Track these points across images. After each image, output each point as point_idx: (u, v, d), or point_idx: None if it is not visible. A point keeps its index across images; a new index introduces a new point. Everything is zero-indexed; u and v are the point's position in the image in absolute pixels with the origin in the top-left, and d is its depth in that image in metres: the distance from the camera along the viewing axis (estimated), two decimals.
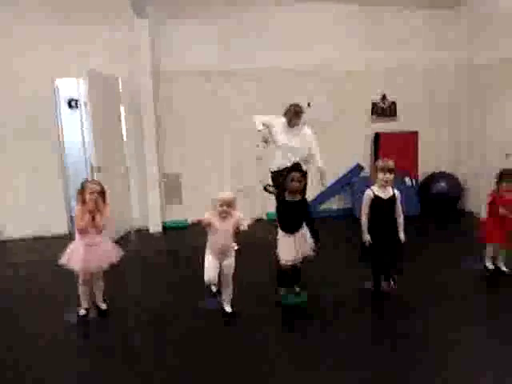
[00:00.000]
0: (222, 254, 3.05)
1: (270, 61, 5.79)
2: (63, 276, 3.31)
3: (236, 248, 3.31)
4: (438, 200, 6.14)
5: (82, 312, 3.18)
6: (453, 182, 6.18)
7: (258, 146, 4.54)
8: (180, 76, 5.70)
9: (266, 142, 4.34)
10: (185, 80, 5.73)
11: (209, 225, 2.98)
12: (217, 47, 5.72)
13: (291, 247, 3.23)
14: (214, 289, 3.42)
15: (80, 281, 3.15)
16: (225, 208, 2.93)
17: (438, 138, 6.49)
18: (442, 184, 6.10)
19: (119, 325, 3.12)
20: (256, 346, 2.77)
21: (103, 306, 3.26)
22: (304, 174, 3.59)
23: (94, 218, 3.04)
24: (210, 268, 3.01)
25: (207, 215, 2.96)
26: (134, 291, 3.77)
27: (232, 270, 3.10)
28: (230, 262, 3.08)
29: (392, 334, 2.88)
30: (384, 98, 6.39)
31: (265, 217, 5.93)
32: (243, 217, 3.05)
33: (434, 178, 6.24)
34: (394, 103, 6.40)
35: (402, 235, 3.30)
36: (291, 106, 4.27)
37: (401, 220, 3.32)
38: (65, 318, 3.17)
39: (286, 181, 3.21)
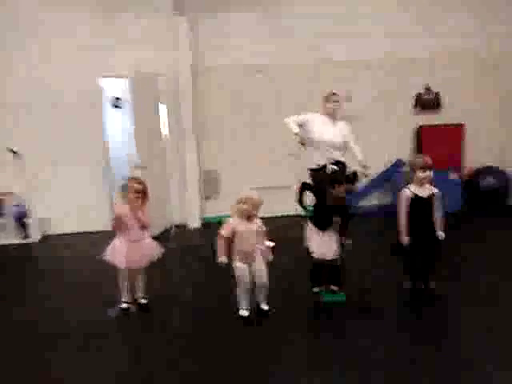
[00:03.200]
0: (249, 258, 2.98)
1: (311, 53, 5.74)
2: (105, 271, 3.43)
3: (272, 245, 3.27)
4: (486, 195, 5.84)
5: (124, 306, 3.29)
6: (501, 177, 5.86)
7: (293, 155, 4.39)
8: (218, 71, 5.75)
9: (303, 144, 4.12)
10: (223, 76, 5.77)
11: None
12: (256, 40, 5.71)
13: (322, 242, 3.21)
14: (245, 311, 3.12)
15: (121, 276, 3.26)
16: (250, 208, 2.85)
17: (484, 131, 6.13)
18: (490, 179, 5.80)
19: (158, 320, 3.21)
20: (283, 344, 2.76)
21: (143, 301, 3.35)
22: (334, 171, 3.49)
23: (135, 215, 3.12)
24: (244, 275, 2.96)
25: (231, 220, 2.90)
26: (173, 288, 3.85)
27: (264, 273, 3.02)
28: (260, 265, 3.00)
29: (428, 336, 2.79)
30: (428, 89, 6.13)
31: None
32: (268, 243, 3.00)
33: (481, 172, 5.94)
34: (437, 94, 6.12)
35: (440, 233, 3.17)
36: (328, 94, 4.12)
37: (440, 217, 3.18)
38: (107, 312, 3.29)
39: (332, 193, 3.14)
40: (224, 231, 2.89)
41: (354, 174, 3.33)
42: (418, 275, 3.33)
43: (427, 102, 6.12)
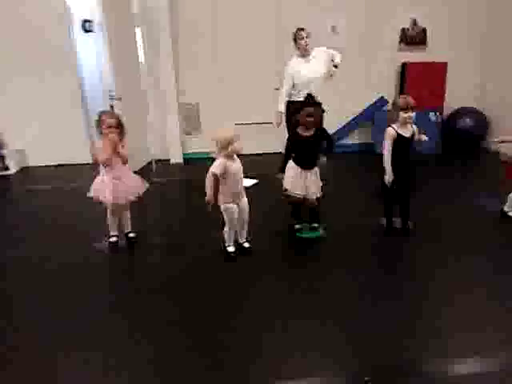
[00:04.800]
0: (238, 196, 3.01)
1: None
2: (89, 205, 3.41)
3: (255, 182, 3.30)
4: (463, 137, 5.98)
5: (113, 239, 3.36)
6: (479, 119, 5.96)
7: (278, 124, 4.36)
8: None
9: (278, 123, 4.30)
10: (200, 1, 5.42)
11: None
12: None
13: (298, 180, 3.25)
14: (232, 247, 3.18)
15: (109, 211, 3.28)
16: (234, 147, 2.79)
17: (467, 70, 6.14)
18: (467, 120, 5.90)
19: (144, 254, 3.30)
20: (261, 278, 2.89)
21: (132, 235, 3.42)
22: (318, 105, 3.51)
23: (116, 150, 3.07)
24: (235, 215, 3.00)
25: (217, 163, 2.82)
26: (158, 222, 3.91)
27: (247, 210, 3.09)
28: (245, 200, 3.07)
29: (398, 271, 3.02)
30: (415, 23, 5.97)
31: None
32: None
33: (459, 113, 6.01)
34: (424, 30, 5.99)
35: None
36: (296, 31, 4.13)
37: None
38: (96, 247, 3.35)
39: (301, 116, 3.13)
40: (216, 169, 2.82)
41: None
42: (393, 213, 3.50)
43: (413, 37, 5.99)
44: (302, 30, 4.10)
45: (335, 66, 4.24)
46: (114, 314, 2.57)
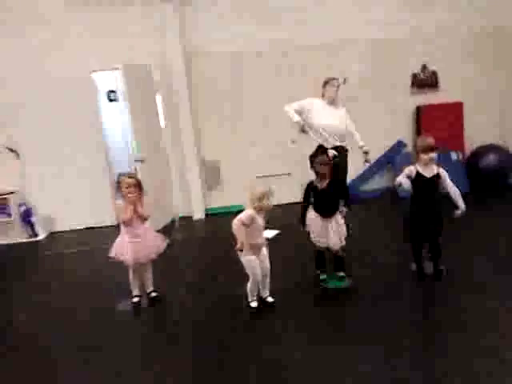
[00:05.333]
0: (259, 249, 3.01)
1: (304, 37, 5.69)
2: (114, 266, 3.45)
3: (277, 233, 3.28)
4: (488, 175, 5.79)
5: (135, 299, 3.34)
6: (503, 155, 5.81)
7: (293, 141, 4.37)
8: (211, 57, 5.70)
9: (304, 131, 4.10)
10: (217, 62, 5.72)
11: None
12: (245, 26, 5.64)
13: (320, 229, 3.23)
14: (255, 302, 3.13)
15: (130, 271, 3.30)
16: (265, 203, 2.86)
17: (484, 107, 6.09)
18: (492, 157, 5.75)
19: (169, 313, 3.25)
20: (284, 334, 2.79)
21: (154, 294, 3.39)
22: (335, 156, 3.56)
23: (135, 210, 3.15)
24: (257, 267, 2.98)
25: (249, 212, 2.88)
26: (180, 279, 3.87)
27: (268, 262, 3.07)
28: (265, 253, 3.05)
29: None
30: (424, 68, 6.08)
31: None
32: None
33: (482, 151, 5.89)
34: (434, 73, 6.08)
35: (460, 203, 3.14)
36: (329, 79, 4.11)
37: (454, 192, 3.15)
38: (118, 307, 3.34)
39: (316, 164, 3.17)
40: (245, 218, 2.86)
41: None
42: (423, 256, 3.36)
43: (424, 81, 6.08)
44: (336, 79, 4.12)
45: (366, 153, 4.16)
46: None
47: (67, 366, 2.67)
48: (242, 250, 2.91)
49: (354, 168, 5.82)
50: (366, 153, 4.16)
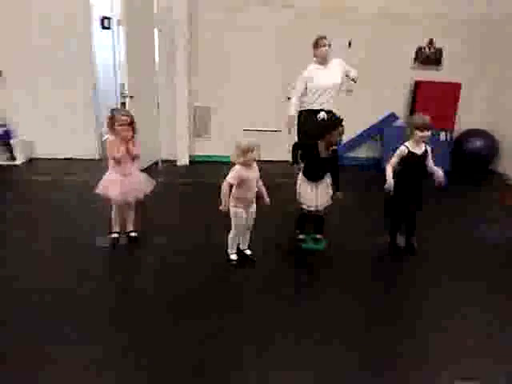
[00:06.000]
0: (249, 203, 3.02)
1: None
2: (93, 201, 3.45)
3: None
4: (471, 158, 5.95)
5: (114, 235, 3.36)
6: (488, 141, 5.93)
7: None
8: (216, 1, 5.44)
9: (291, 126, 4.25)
10: (220, 6, 5.48)
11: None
12: None
13: (312, 194, 3.28)
14: (235, 255, 3.19)
15: (114, 208, 3.29)
16: (254, 154, 2.83)
17: (480, 93, 6.10)
18: (477, 142, 5.87)
19: (145, 254, 3.30)
20: (259, 289, 2.89)
21: (133, 234, 3.42)
22: (324, 119, 3.64)
23: (127, 148, 3.10)
24: (242, 220, 2.99)
25: (236, 169, 2.86)
26: (160, 222, 3.89)
27: (254, 216, 3.11)
28: (254, 208, 3.08)
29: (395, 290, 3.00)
30: (431, 42, 5.97)
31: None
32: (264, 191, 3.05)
33: (469, 135, 5.99)
34: (440, 50, 5.99)
35: (440, 172, 3.20)
36: (318, 39, 4.10)
37: (436, 169, 3.23)
38: (96, 242, 3.35)
39: (332, 135, 3.12)
40: (232, 179, 2.84)
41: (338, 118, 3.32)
42: (398, 231, 3.48)
43: (428, 57, 5.99)
44: (324, 38, 4.09)
45: (353, 81, 4.26)
46: (104, 315, 2.55)
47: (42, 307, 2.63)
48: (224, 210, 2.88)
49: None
50: (352, 80, 4.25)
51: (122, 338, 2.33)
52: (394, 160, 3.24)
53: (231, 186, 2.88)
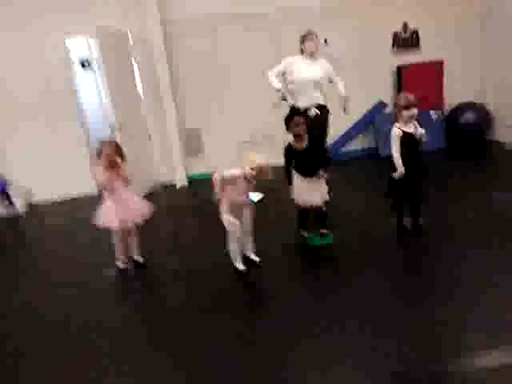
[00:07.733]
0: (240, 209, 3.00)
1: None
2: (97, 235, 3.45)
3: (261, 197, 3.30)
4: (466, 131, 5.90)
5: (122, 266, 3.35)
6: (481, 112, 5.89)
7: (276, 104, 4.26)
8: (191, 24, 5.53)
9: (284, 99, 4.10)
10: (196, 28, 5.56)
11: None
12: None
13: (304, 190, 3.27)
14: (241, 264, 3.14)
15: (116, 237, 3.28)
16: (255, 173, 2.79)
17: (465, 66, 6.09)
18: (470, 114, 5.83)
19: (156, 277, 3.28)
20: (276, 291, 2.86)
21: (140, 260, 3.40)
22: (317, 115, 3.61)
23: (117, 173, 3.12)
24: (235, 226, 2.91)
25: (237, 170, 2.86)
26: (165, 246, 3.88)
27: (250, 219, 3.07)
28: (247, 213, 3.04)
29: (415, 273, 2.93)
30: (405, 26, 6.00)
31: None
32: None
33: (461, 108, 5.95)
34: (416, 32, 6.01)
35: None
36: (306, 33, 4.06)
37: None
38: (103, 273, 3.34)
39: (290, 126, 3.20)
40: (227, 174, 2.84)
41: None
42: (403, 212, 3.43)
43: (405, 40, 6.02)
44: (312, 33, 4.03)
45: (345, 100, 4.15)
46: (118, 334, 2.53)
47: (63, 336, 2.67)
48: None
49: (337, 129, 5.85)
50: (345, 100, 4.16)
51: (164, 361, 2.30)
52: (396, 145, 3.20)
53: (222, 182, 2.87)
